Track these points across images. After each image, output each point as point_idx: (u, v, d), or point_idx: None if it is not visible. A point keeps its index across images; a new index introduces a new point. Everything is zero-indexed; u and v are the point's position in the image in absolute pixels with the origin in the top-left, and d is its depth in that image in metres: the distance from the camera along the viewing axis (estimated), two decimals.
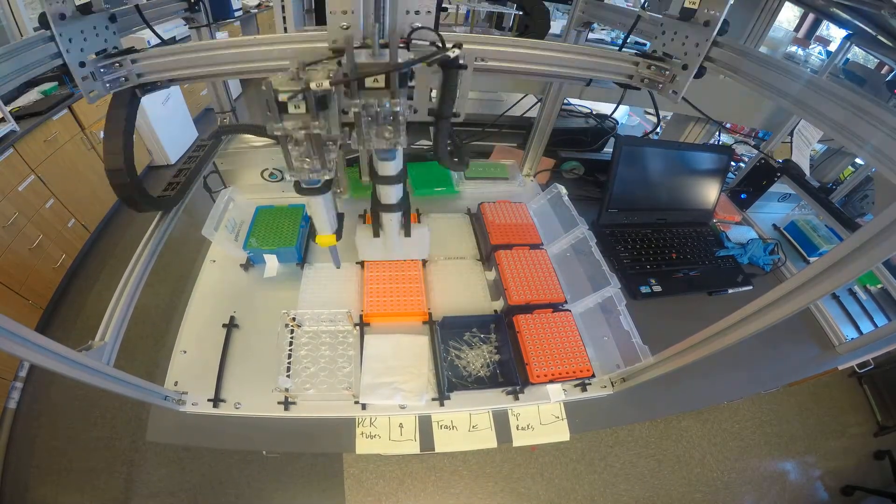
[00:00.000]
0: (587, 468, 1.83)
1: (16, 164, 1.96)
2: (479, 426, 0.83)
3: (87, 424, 1.79)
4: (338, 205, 0.72)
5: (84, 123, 2.40)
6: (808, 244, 1.34)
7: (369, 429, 0.81)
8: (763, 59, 0.59)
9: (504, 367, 0.88)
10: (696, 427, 2.02)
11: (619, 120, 1.63)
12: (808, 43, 3.41)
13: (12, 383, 1.83)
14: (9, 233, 1.92)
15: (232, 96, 1.13)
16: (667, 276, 1.16)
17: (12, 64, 0.53)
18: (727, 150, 1.33)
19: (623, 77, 0.74)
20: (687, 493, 1.80)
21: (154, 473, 1.67)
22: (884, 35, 1.04)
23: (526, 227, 1.14)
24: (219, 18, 0.91)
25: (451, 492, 1.71)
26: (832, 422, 2.13)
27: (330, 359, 0.87)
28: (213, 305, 0.95)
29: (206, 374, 0.83)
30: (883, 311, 1.17)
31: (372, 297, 0.96)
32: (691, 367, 0.66)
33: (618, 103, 1.29)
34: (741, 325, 0.56)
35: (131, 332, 0.67)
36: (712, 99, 1.28)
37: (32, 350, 0.45)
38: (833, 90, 0.51)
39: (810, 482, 1.91)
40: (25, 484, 1.62)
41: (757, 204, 1.42)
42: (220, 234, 0.95)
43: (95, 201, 2.57)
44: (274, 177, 1.17)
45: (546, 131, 1.28)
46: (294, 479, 1.69)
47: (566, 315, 0.95)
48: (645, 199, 1.29)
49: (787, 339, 1.08)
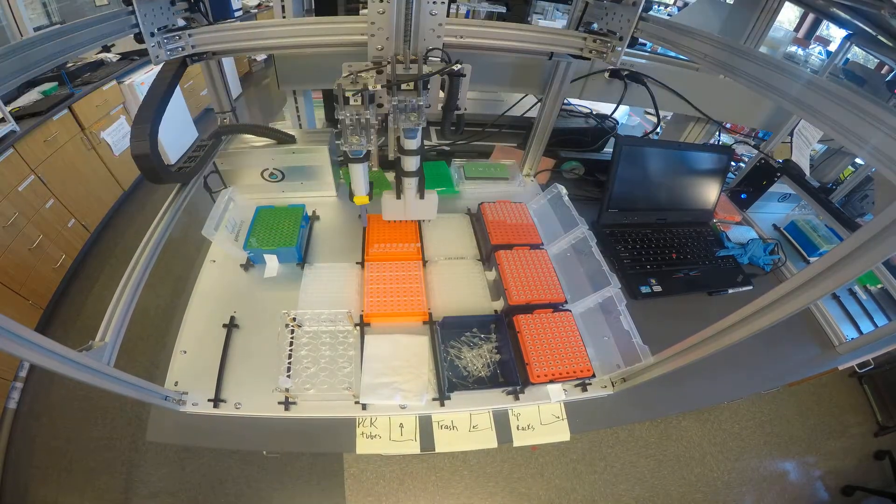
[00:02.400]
0: (587, 468, 1.83)
1: (16, 164, 1.97)
2: (479, 426, 0.83)
3: (87, 424, 1.79)
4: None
5: (84, 124, 2.40)
6: (808, 244, 1.34)
7: (369, 429, 0.80)
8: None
9: (504, 367, 0.88)
10: (696, 427, 2.02)
11: (619, 120, 1.63)
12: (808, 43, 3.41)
13: (12, 383, 1.83)
14: (9, 233, 1.92)
15: (232, 96, 1.13)
16: (667, 276, 1.16)
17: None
18: (727, 150, 1.33)
19: (575, 49, 0.96)
20: (687, 493, 1.80)
21: (154, 473, 1.67)
22: (884, 35, 1.04)
23: (526, 227, 1.14)
24: (219, 18, 0.92)
25: (451, 492, 1.71)
26: (832, 422, 2.13)
27: (330, 359, 0.87)
28: (214, 305, 0.95)
29: (206, 374, 0.83)
30: (883, 311, 1.17)
31: (372, 297, 0.96)
32: (691, 367, 0.66)
33: (618, 103, 1.30)
34: (741, 325, 0.56)
35: (131, 332, 0.67)
36: (712, 99, 1.29)
37: (32, 350, 0.45)
38: (833, 90, 0.51)
39: (810, 482, 1.91)
40: (25, 484, 1.62)
41: (757, 204, 1.41)
42: (220, 234, 0.95)
43: (95, 201, 2.58)
44: (274, 177, 1.17)
45: (546, 131, 1.28)
46: (294, 479, 1.69)
47: (566, 315, 0.95)
48: (645, 199, 1.29)
49: (787, 339, 1.08)
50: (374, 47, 0.77)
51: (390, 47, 0.77)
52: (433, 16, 0.75)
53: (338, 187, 1.27)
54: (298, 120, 1.32)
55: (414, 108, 0.72)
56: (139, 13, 0.72)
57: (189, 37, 0.83)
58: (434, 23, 0.76)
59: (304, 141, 1.13)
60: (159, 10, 0.77)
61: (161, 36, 0.78)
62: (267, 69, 5.04)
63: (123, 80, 2.68)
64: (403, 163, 0.88)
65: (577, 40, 0.94)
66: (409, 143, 0.82)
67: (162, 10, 0.78)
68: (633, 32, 0.86)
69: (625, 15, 0.86)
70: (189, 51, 0.84)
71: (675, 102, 1.29)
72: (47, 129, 2.14)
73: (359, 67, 0.73)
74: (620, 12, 0.87)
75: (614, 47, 0.91)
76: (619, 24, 0.88)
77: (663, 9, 4.27)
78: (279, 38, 0.86)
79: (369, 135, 0.75)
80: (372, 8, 0.73)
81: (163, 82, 0.81)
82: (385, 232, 1.10)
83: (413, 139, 0.81)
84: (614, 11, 0.88)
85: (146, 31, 0.75)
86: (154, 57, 0.79)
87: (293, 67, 1.14)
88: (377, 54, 0.78)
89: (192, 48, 0.84)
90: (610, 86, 1.27)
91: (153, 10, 0.75)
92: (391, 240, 1.08)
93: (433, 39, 0.77)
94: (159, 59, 0.80)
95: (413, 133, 0.79)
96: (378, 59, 0.78)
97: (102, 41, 0.72)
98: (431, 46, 0.77)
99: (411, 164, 0.89)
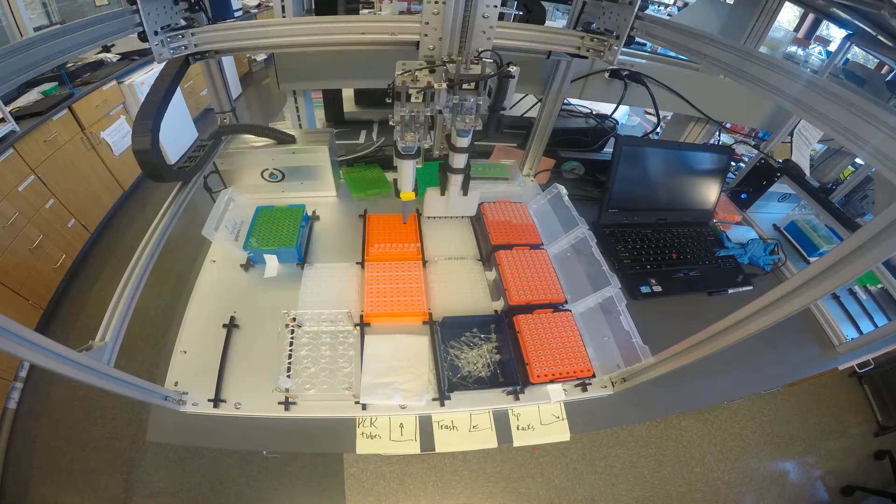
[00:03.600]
0: (587, 468, 1.83)
1: (16, 164, 1.97)
2: (479, 426, 0.83)
3: (87, 424, 1.79)
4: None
5: (84, 124, 2.40)
6: (808, 244, 1.34)
7: (370, 429, 0.80)
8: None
9: (504, 367, 0.88)
10: (696, 427, 2.02)
11: (619, 120, 1.63)
12: (808, 43, 3.41)
13: (12, 383, 1.83)
14: (9, 233, 1.92)
15: (232, 96, 1.13)
16: (667, 276, 1.16)
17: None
18: (727, 150, 1.33)
19: (572, 48, 0.97)
20: (687, 493, 1.80)
21: (154, 473, 1.67)
22: (884, 35, 1.04)
23: (526, 227, 1.14)
24: (219, 18, 0.92)
25: (451, 492, 1.71)
26: (832, 422, 2.13)
27: (330, 359, 0.87)
28: (214, 305, 0.95)
29: (206, 374, 0.83)
30: (883, 311, 1.17)
31: (372, 297, 0.96)
32: (691, 367, 0.66)
33: (618, 103, 1.30)
34: (741, 325, 0.56)
35: (131, 332, 0.67)
36: (712, 99, 1.29)
37: (32, 350, 0.45)
38: (833, 90, 0.51)
39: (810, 482, 1.91)
40: (25, 484, 1.62)
41: (757, 204, 1.41)
42: (220, 234, 0.95)
43: (95, 201, 2.58)
44: (274, 177, 1.17)
45: (546, 131, 1.28)
46: (294, 479, 1.69)
47: (566, 315, 0.95)
48: (645, 199, 1.29)
49: (787, 339, 1.08)
50: (426, 46, 0.81)
51: (443, 47, 0.79)
52: (485, 18, 0.77)
53: (338, 187, 1.27)
54: (298, 120, 1.32)
55: (471, 108, 0.74)
56: (143, 12, 0.73)
57: (192, 36, 0.83)
58: (486, 25, 0.78)
59: (304, 141, 1.13)
60: (162, 9, 0.78)
61: (164, 35, 0.79)
62: (267, 69, 5.04)
63: (123, 80, 2.69)
64: (453, 160, 0.91)
65: (575, 39, 0.96)
66: (461, 140, 0.85)
67: (165, 9, 0.78)
68: (629, 31, 0.87)
69: (621, 14, 0.87)
70: (192, 49, 0.85)
71: (675, 102, 1.29)
72: (47, 129, 2.14)
73: (413, 66, 0.74)
74: (617, 11, 0.88)
75: (611, 46, 0.92)
76: (615, 23, 0.90)
77: (663, 9, 4.27)
78: (281, 36, 0.87)
79: (425, 132, 0.77)
80: (427, 9, 0.76)
81: (165, 81, 0.82)
82: (385, 232, 1.10)
83: (465, 137, 0.84)
84: (611, 11, 0.90)
85: (150, 30, 0.75)
86: (157, 56, 0.79)
87: (293, 67, 1.14)
88: (428, 53, 0.81)
89: (194, 47, 0.85)
90: (610, 86, 1.27)
91: (157, 9, 0.76)
92: (391, 240, 1.08)
93: (483, 41, 0.80)
94: (163, 58, 0.81)
95: (466, 132, 0.82)
96: (430, 58, 0.81)
97: (103, 41, 0.72)
98: (482, 48, 0.80)
99: (461, 161, 0.91)
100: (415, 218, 1.17)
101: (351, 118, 1.55)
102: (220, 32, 0.86)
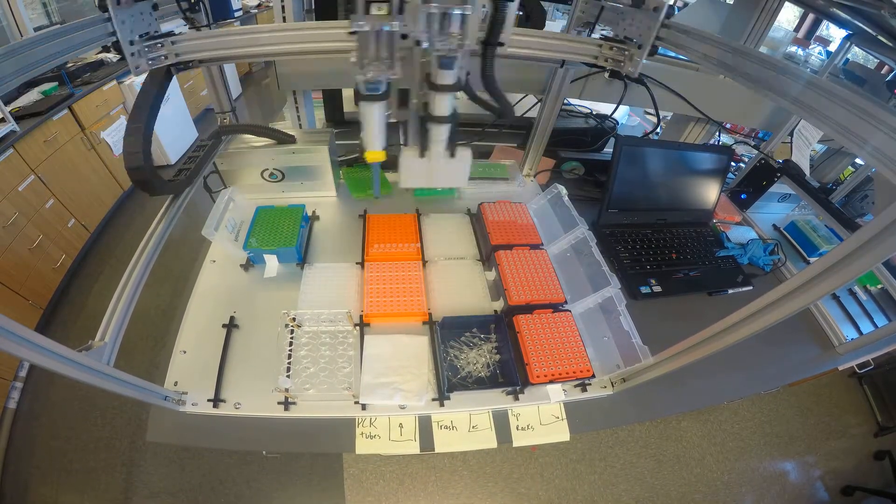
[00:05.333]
0: (587, 468, 1.83)
1: (16, 164, 1.97)
2: (479, 426, 0.83)
3: (87, 424, 1.79)
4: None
5: (84, 124, 2.40)
6: (808, 244, 1.34)
7: (369, 429, 0.80)
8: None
9: (504, 368, 0.88)
10: (696, 427, 2.02)
11: (619, 120, 1.63)
12: (808, 43, 3.41)
13: (12, 383, 1.83)
14: (9, 233, 1.92)
15: (232, 96, 1.13)
16: (667, 276, 1.16)
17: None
18: (727, 150, 1.33)
19: (589, 58, 0.89)
20: (687, 493, 1.80)
21: (154, 473, 1.67)
22: (884, 35, 1.04)
23: (526, 228, 1.14)
24: (219, 18, 0.91)
25: (450, 492, 1.71)
26: (832, 422, 2.13)
27: (330, 359, 0.87)
28: (213, 306, 0.95)
29: (205, 374, 0.83)
30: (883, 311, 1.17)
31: (372, 297, 0.96)
32: (691, 367, 0.66)
33: (618, 103, 1.29)
34: (741, 325, 0.56)
35: (131, 332, 0.67)
36: (712, 99, 1.29)
37: (32, 350, 0.45)
38: (833, 90, 0.51)
39: (810, 482, 1.91)
40: (25, 484, 1.62)
41: (757, 204, 1.41)
42: (220, 234, 0.95)
43: (95, 201, 2.58)
44: (274, 177, 1.17)
45: (546, 131, 1.28)
46: (294, 479, 1.69)
47: (566, 315, 0.95)
48: (645, 199, 1.29)
49: (787, 339, 1.08)
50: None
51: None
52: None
53: (338, 187, 1.27)
54: (298, 120, 1.32)
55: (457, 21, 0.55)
56: (116, 20, 0.66)
57: (172, 44, 0.77)
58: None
59: (304, 141, 1.13)
60: (139, 16, 0.71)
61: (142, 44, 0.73)
62: (267, 69, 5.04)
63: (123, 79, 2.69)
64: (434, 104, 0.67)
65: (592, 48, 0.88)
66: (443, 74, 0.62)
67: (143, 16, 0.72)
68: (653, 41, 0.79)
69: (644, 21, 0.79)
70: (172, 59, 0.78)
71: (675, 102, 1.28)
72: (47, 129, 2.14)
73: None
74: (640, 18, 0.79)
75: (632, 56, 0.83)
76: (637, 30, 0.81)
77: None
78: (268, 44, 0.81)
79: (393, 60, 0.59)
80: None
81: (149, 93, 0.77)
82: (385, 232, 1.10)
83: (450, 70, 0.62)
84: (633, 17, 0.81)
85: (124, 40, 0.69)
86: (134, 67, 0.73)
87: (293, 69, 1.14)
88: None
89: (175, 56, 0.78)
90: (610, 86, 1.27)
91: (132, 17, 0.70)
92: (391, 240, 1.08)
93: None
94: (140, 70, 0.74)
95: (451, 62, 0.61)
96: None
97: (103, 41, 0.71)
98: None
99: (444, 107, 0.67)
100: (414, 218, 1.17)
101: (351, 118, 1.55)
102: (203, 41, 0.78)
